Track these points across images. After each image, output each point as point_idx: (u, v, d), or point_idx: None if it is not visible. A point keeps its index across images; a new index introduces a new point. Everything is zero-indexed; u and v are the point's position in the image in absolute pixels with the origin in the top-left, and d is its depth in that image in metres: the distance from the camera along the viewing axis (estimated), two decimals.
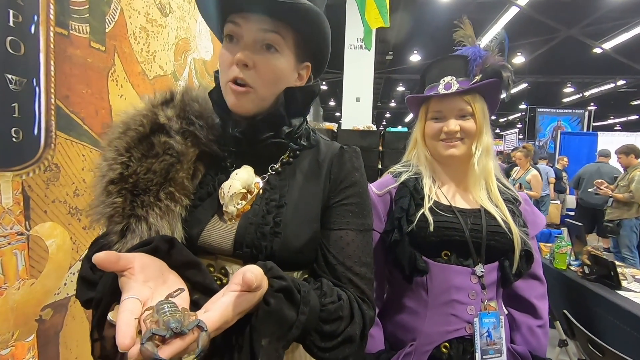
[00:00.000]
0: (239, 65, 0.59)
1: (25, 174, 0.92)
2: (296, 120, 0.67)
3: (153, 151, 0.59)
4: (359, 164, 0.71)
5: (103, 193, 0.56)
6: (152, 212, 0.56)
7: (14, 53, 0.88)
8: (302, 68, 0.67)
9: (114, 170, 0.57)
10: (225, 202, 0.60)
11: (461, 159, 0.93)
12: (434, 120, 0.94)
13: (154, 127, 0.60)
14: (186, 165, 0.60)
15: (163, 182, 0.58)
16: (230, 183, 0.60)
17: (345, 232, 0.64)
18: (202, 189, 0.64)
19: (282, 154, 0.68)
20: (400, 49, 9.22)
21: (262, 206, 0.62)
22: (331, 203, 0.66)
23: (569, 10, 7.27)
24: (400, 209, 0.86)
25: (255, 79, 0.60)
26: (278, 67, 0.61)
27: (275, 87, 0.62)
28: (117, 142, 0.59)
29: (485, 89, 0.91)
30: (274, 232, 0.59)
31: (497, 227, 0.85)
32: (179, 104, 0.64)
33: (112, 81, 1.18)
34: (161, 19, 1.41)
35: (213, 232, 0.61)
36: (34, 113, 0.94)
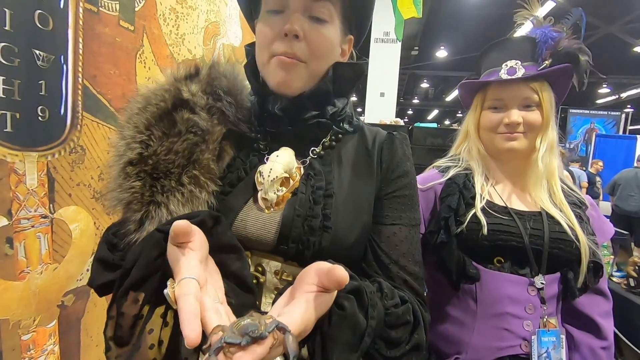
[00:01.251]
0: (288, 37, 0.52)
1: (51, 155, 0.89)
2: (340, 102, 0.61)
3: (175, 129, 0.52)
4: (409, 152, 0.64)
5: (120, 175, 0.51)
6: (174, 199, 0.49)
7: (43, 28, 0.84)
8: (345, 42, 0.61)
9: (133, 149, 0.51)
10: (264, 187, 0.53)
11: (521, 154, 0.83)
12: (492, 110, 0.84)
13: (177, 103, 0.54)
14: (212, 145, 0.54)
15: (186, 164, 0.51)
16: (271, 166, 0.53)
17: (398, 227, 0.57)
18: (232, 174, 0.57)
19: (324, 136, 0.61)
20: (427, 44, 8.96)
21: (308, 195, 0.55)
22: (382, 194, 0.59)
23: (609, 5, 6.86)
24: (447, 207, 0.78)
25: (306, 52, 0.53)
26: (329, 38, 0.55)
27: (325, 62, 0.56)
28: (136, 119, 0.53)
29: (555, 75, 0.80)
30: (324, 225, 0.52)
31: (562, 234, 0.75)
32: (205, 78, 0.57)
33: (140, 63, 1.14)
34: (191, 1, 1.36)
35: (249, 222, 0.54)
36: (61, 92, 0.90)
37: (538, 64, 0.81)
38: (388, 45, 5.30)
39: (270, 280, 0.53)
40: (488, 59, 0.86)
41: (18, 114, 0.80)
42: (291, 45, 0.52)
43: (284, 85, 0.54)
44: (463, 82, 0.88)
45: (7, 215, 0.80)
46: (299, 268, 0.51)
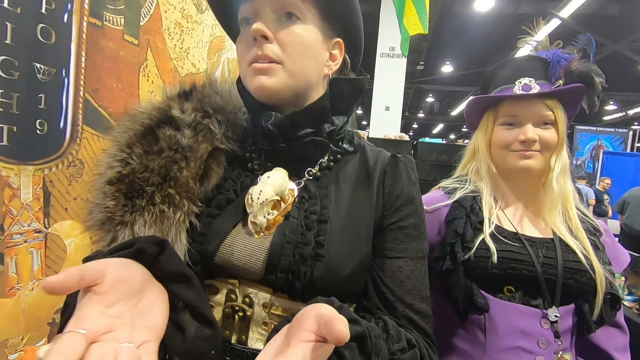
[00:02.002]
0: (257, 41, 0.50)
1: (48, 169, 0.87)
2: (339, 120, 0.58)
3: (157, 146, 0.50)
4: (415, 177, 0.61)
5: (99, 195, 0.48)
6: (140, 219, 0.46)
7: (45, 41, 0.83)
8: (333, 46, 0.57)
9: (113, 168, 0.49)
10: (253, 211, 0.50)
11: (535, 174, 0.79)
12: (506, 127, 0.80)
13: (162, 120, 0.52)
14: (194, 163, 0.51)
15: (161, 182, 0.48)
16: (261, 188, 0.50)
17: (404, 261, 0.53)
18: (221, 195, 0.54)
19: (321, 156, 0.58)
20: (432, 59, 9.02)
21: (301, 219, 0.51)
22: (386, 224, 0.55)
23: (615, 24, 6.88)
24: (454, 232, 0.74)
25: (278, 53, 0.50)
26: (303, 36, 0.51)
27: (305, 62, 0.52)
28: (121, 137, 0.51)
29: (567, 96, 0.77)
30: (316, 254, 0.48)
31: (576, 263, 0.70)
32: (198, 95, 0.55)
33: (144, 76, 1.13)
34: (197, 15, 1.36)
35: (236, 247, 0.50)
36: (61, 105, 0.89)
37: (552, 83, 0.79)
38: (394, 59, 5.33)
39: (258, 313, 0.50)
40: (499, 77, 0.83)
41: (15, 127, 0.79)
42: (262, 48, 0.50)
43: (261, 90, 0.51)
44: (474, 99, 0.85)
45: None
46: (290, 301, 0.49)
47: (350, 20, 0.57)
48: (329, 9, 0.54)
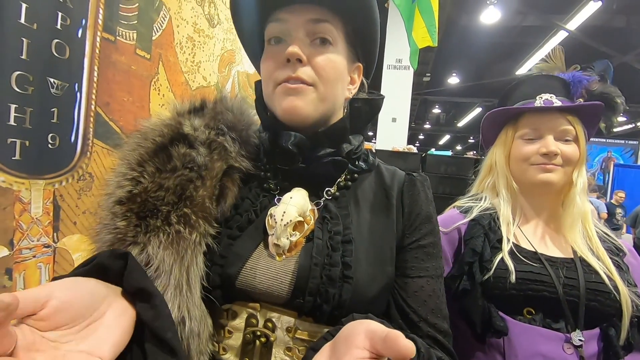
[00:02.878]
0: (290, 63, 0.50)
1: (58, 183, 0.87)
2: (356, 139, 0.58)
3: (170, 164, 0.48)
4: (431, 195, 0.60)
5: (108, 216, 0.47)
6: (155, 239, 0.44)
7: (59, 56, 0.84)
8: (354, 70, 0.58)
9: (123, 187, 0.47)
10: (276, 232, 0.48)
11: (555, 189, 0.77)
12: (526, 140, 0.78)
13: (175, 137, 0.50)
14: (209, 182, 0.49)
15: (177, 201, 0.47)
16: (284, 209, 0.49)
17: (425, 280, 0.53)
18: (240, 215, 0.52)
19: (338, 176, 0.57)
20: (439, 70, 9.05)
21: (325, 240, 0.50)
22: (406, 243, 0.54)
23: (623, 36, 6.86)
24: (472, 251, 0.72)
25: (312, 75, 0.50)
26: (336, 61, 0.52)
27: (335, 87, 0.53)
28: (130, 155, 0.49)
29: (588, 113, 0.76)
30: (344, 275, 0.47)
31: (599, 285, 0.68)
32: (210, 112, 0.54)
33: (155, 90, 1.13)
34: (209, 30, 1.38)
35: (258, 271, 0.48)
36: (73, 119, 0.89)
37: (573, 100, 0.78)
38: (400, 71, 5.35)
39: (281, 338, 0.48)
40: (519, 92, 0.82)
41: (27, 142, 0.79)
42: (295, 70, 0.50)
43: (291, 111, 0.50)
44: (493, 112, 0.83)
45: (9, 245, 0.77)
46: (314, 324, 0.47)
47: (371, 47, 0.59)
48: (356, 36, 0.56)
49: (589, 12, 5.59)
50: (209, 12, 1.36)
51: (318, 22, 0.51)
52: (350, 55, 0.56)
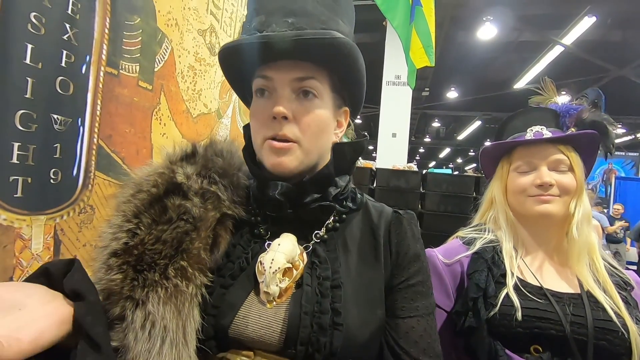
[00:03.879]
0: (277, 119, 0.51)
1: (59, 217, 0.87)
2: (342, 180, 0.58)
3: (166, 216, 0.49)
4: (419, 232, 0.61)
5: (102, 268, 0.47)
6: (154, 295, 0.45)
7: (63, 93, 0.85)
8: (340, 114, 0.60)
9: (118, 239, 0.48)
10: (265, 280, 0.49)
11: (556, 220, 0.76)
12: (520, 172, 0.79)
13: (169, 188, 0.52)
14: (204, 232, 0.50)
15: (174, 254, 0.47)
16: (272, 256, 0.50)
17: (416, 320, 0.53)
18: (232, 263, 0.53)
19: (327, 218, 0.58)
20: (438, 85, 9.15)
21: (314, 287, 0.50)
22: (395, 283, 0.55)
23: (619, 50, 6.95)
24: (476, 286, 0.71)
25: (297, 133, 0.52)
26: (320, 115, 0.53)
27: (319, 139, 0.54)
28: (125, 206, 0.50)
29: (583, 141, 0.76)
30: (334, 323, 0.47)
31: (608, 323, 0.67)
32: (201, 159, 0.56)
33: (156, 119, 1.15)
34: (210, 58, 1.40)
35: (250, 319, 0.49)
36: (76, 153, 0.90)
37: (563, 131, 0.78)
38: (399, 87, 5.41)
39: None
40: (510, 127, 0.83)
41: (30, 178, 0.79)
42: (281, 127, 0.51)
43: (279, 167, 0.52)
44: (486, 147, 0.84)
45: None
46: None
47: (358, 92, 0.60)
48: (342, 84, 0.57)
49: (584, 27, 5.68)
50: (210, 41, 1.39)
51: (303, 80, 0.52)
52: (337, 102, 0.57)
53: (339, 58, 0.52)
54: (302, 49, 0.49)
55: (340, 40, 0.50)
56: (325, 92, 0.54)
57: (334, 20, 0.53)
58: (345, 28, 0.55)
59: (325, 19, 0.52)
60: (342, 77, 0.56)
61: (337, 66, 0.54)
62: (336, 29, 0.52)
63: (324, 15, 0.52)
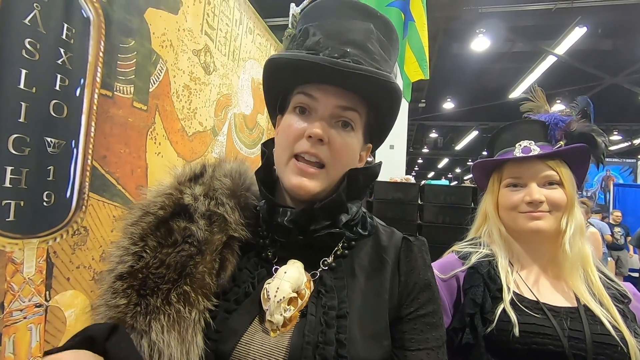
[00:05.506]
0: (311, 139, 0.50)
1: (52, 240, 0.87)
2: (354, 206, 0.57)
3: (171, 238, 0.49)
4: (429, 260, 0.59)
5: (108, 291, 0.46)
6: (156, 323, 0.44)
7: (57, 116, 0.86)
8: (364, 149, 0.59)
9: (125, 263, 0.47)
10: (270, 309, 0.48)
11: (549, 235, 0.76)
12: (511, 188, 0.79)
13: (176, 210, 0.51)
14: (209, 256, 0.49)
15: (177, 278, 0.47)
16: (278, 284, 0.49)
17: (425, 353, 0.51)
18: (239, 288, 0.52)
19: (335, 244, 0.56)
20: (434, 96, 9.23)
21: (319, 316, 0.49)
22: (404, 314, 0.53)
23: (611, 58, 7.06)
24: (472, 302, 0.70)
25: (328, 156, 0.51)
26: (352, 146, 0.53)
27: (344, 169, 0.54)
28: (132, 229, 0.50)
29: (572, 156, 0.77)
30: (338, 355, 0.46)
31: (606, 337, 0.66)
32: (209, 180, 0.55)
33: (151, 139, 1.15)
34: (205, 77, 1.42)
35: (252, 347, 0.47)
36: (69, 175, 0.90)
37: (552, 144, 0.79)
38: None
39: None
40: (500, 140, 0.84)
41: (22, 202, 0.79)
42: (315, 147, 0.51)
43: (300, 189, 0.51)
44: (476, 163, 0.85)
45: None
46: None
47: (384, 134, 0.61)
48: (375, 123, 0.57)
49: (575, 37, 5.77)
50: (205, 61, 1.41)
51: (346, 109, 0.52)
52: (366, 137, 0.58)
53: (385, 100, 0.53)
54: (354, 81, 0.50)
55: (393, 86, 0.50)
56: (360, 126, 0.54)
57: (385, 61, 0.54)
58: (393, 69, 0.56)
59: (379, 58, 0.52)
60: (378, 116, 0.57)
61: (381, 106, 0.55)
62: (387, 70, 0.53)
63: (378, 55, 0.52)
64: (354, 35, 0.51)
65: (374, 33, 0.52)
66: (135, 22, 1.06)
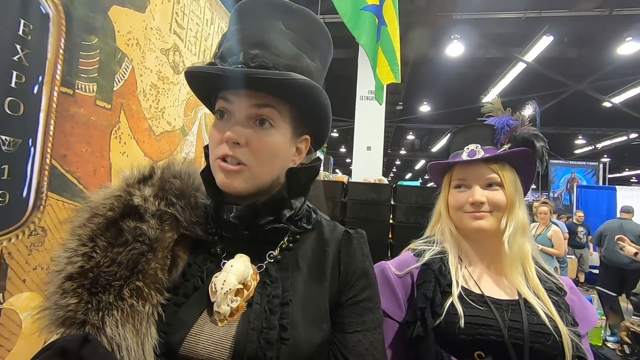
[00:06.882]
0: (229, 143, 0.53)
1: (7, 240, 0.85)
2: (297, 202, 0.60)
3: (121, 238, 0.50)
4: (368, 250, 0.63)
5: (57, 292, 0.47)
6: (110, 318, 0.45)
7: (12, 114, 0.84)
8: (300, 141, 0.61)
9: (74, 263, 0.48)
10: (217, 300, 0.51)
11: (491, 234, 0.81)
12: (458, 189, 0.85)
13: (126, 210, 0.52)
14: (161, 253, 0.51)
15: (129, 275, 0.48)
16: (224, 277, 0.51)
17: (362, 334, 0.55)
18: (188, 282, 0.54)
19: (281, 238, 0.60)
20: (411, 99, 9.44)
21: (264, 304, 0.52)
22: (343, 300, 0.57)
23: (576, 66, 7.43)
24: (423, 296, 0.74)
25: (248, 157, 0.53)
26: (273, 143, 0.54)
27: (271, 165, 0.55)
28: (81, 230, 0.50)
29: (514, 158, 0.82)
30: (281, 338, 0.49)
31: (541, 326, 0.71)
32: (158, 181, 0.57)
33: (115, 138, 1.14)
34: (173, 77, 1.41)
35: (201, 337, 0.50)
36: (25, 174, 0.88)
37: (497, 147, 0.84)
38: (373, 102, 5.55)
39: None
40: (454, 143, 0.89)
41: None
42: (233, 150, 0.53)
43: (227, 187, 0.53)
44: (429, 165, 0.90)
45: None
46: None
47: (320, 124, 0.61)
48: (302, 116, 0.58)
49: (543, 45, 6.06)
50: (174, 60, 1.40)
51: (261, 107, 0.53)
52: (296, 131, 0.59)
53: (297, 96, 0.54)
54: (259, 83, 0.51)
55: (297, 82, 0.51)
56: (283, 122, 0.55)
57: (300, 57, 0.54)
58: (311, 65, 0.56)
59: (293, 55, 0.53)
60: (302, 110, 0.58)
61: (296, 102, 0.56)
62: (303, 67, 0.54)
63: (292, 51, 0.53)
64: (262, 36, 0.53)
65: (284, 31, 0.54)
66: (99, 19, 1.04)
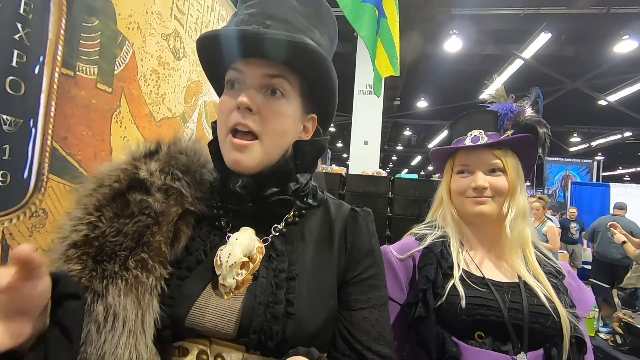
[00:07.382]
0: (240, 110, 0.53)
1: (8, 221, 0.84)
2: (303, 177, 0.60)
3: (128, 210, 0.50)
4: (374, 229, 0.64)
5: (60, 259, 0.47)
6: (113, 287, 0.46)
7: (13, 93, 0.83)
8: (307, 120, 0.62)
9: (79, 231, 0.48)
10: (222, 273, 0.51)
11: (492, 219, 0.83)
12: (460, 175, 0.86)
13: (132, 183, 0.53)
14: (165, 227, 0.52)
15: (134, 246, 0.49)
16: (230, 250, 0.51)
17: (368, 311, 0.56)
18: (191, 256, 0.54)
19: (286, 212, 0.60)
20: (408, 95, 9.45)
21: (270, 278, 0.52)
22: (349, 277, 0.58)
23: (572, 64, 7.48)
24: (425, 278, 0.75)
25: (259, 125, 0.53)
26: (283, 112, 0.55)
27: (281, 139, 0.56)
28: (87, 200, 0.51)
29: (517, 144, 0.83)
30: (287, 312, 0.50)
31: (540, 307, 0.73)
32: (164, 157, 0.57)
33: (116, 122, 1.13)
34: (174, 62, 1.40)
35: (207, 310, 0.50)
36: (27, 155, 0.88)
37: (500, 133, 0.85)
38: (371, 96, 5.54)
39: None
40: (456, 129, 0.90)
41: None
42: (244, 117, 0.53)
43: (237, 165, 0.54)
44: (433, 150, 0.91)
45: None
46: (262, 358, 0.50)
47: (327, 101, 0.62)
48: (312, 91, 0.59)
49: (540, 43, 6.07)
50: (174, 46, 1.39)
51: (272, 77, 0.54)
52: (305, 107, 0.59)
53: (308, 64, 0.54)
54: (272, 48, 0.51)
55: (309, 47, 0.52)
56: (293, 94, 0.56)
57: (311, 31, 0.56)
58: (322, 40, 0.57)
59: (302, 28, 0.54)
60: (312, 84, 0.58)
61: (307, 72, 0.56)
62: (315, 40, 0.55)
63: (302, 25, 0.55)
64: (274, 10, 0.54)
65: (296, 7, 0.55)
66: (99, 1, 1.03)
